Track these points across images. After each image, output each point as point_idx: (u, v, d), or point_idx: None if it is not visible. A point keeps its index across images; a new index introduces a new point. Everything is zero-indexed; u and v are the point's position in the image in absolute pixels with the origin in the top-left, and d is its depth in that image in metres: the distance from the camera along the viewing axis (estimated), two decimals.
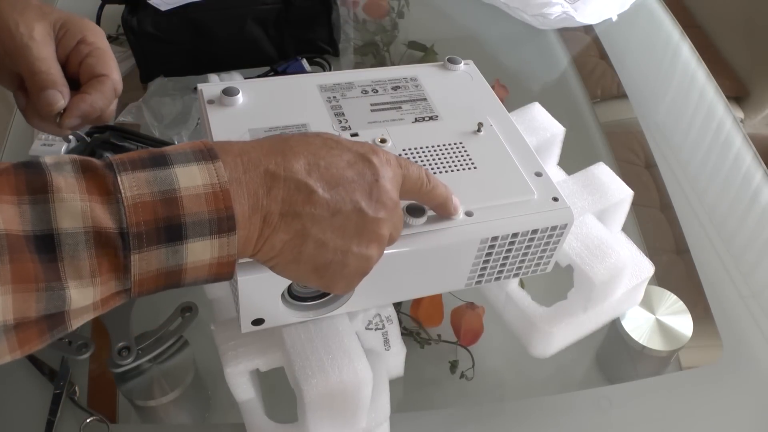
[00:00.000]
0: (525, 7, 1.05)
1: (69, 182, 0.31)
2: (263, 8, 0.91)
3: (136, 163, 0.33)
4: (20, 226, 0.29)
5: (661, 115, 0.97)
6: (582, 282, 0.56)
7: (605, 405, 0.63)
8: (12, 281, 0.29)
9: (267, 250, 0.36)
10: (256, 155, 0.36)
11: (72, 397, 0.61)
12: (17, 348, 0.31)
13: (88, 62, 0.51)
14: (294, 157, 0.36)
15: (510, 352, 0.66)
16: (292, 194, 0.36)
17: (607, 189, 0.61)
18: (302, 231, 0.36)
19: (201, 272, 0.34)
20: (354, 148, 0.39)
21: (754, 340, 0.69)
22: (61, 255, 0.30)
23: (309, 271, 0.38)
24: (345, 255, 0.38)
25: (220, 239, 0.33)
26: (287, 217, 0.36)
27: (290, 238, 0.36)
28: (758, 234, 0.80)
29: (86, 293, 0.31)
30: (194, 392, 0.61)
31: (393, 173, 0.40)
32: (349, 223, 0.37)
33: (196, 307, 0.63)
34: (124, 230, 0.31)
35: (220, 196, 0.33)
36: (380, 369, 0.55)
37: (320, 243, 0.37)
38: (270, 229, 0.36)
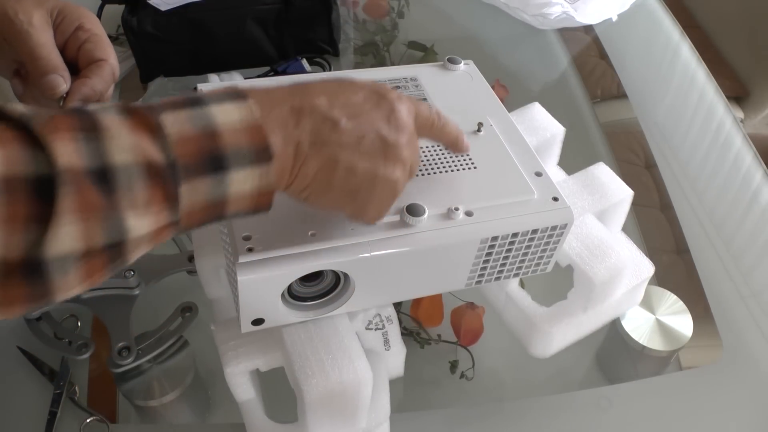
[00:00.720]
0: (525, 7, 1.05)
1: (116, 122, 0.33)
2: (263, 8, 0.91)
3: (175, 104, 0.35)
4: (80, 162, 0.31)
5: (661, 115, 0.97)
6: (582, 282, 0.56)
7: (605, 405, 0.63)
8: (78, 210, 0.30)
9: (300, 179, 0.39)
10: (281, 94, 0.38)
11: (72, 397, 0.61)
12: (85, 278, 0.33)
13: (87, 48, 0.52)
14: (315, 94, 0.39)
15: (510, 352, 0.66)
16: (318, 125, 0.38)
17: (607, 189, 0.61)
18: (332, 158, 0.39)
19: (242, 203, 0.36)
20: (367, 85, 0.42)
21: (754, 340, 0.69)
22: (117, 187, 0.32)
23: (341, 196, 0.40)
24: (373, 178, 0.40)
25: (260, 169, 0.35)
26: (316, 145, 0.38)
27: (321, 166, 0.39)
28: (758, 234, 0.80)
29: (142, 223, 0.33)
30: (194, 392, 0.61)
31: (406, 106, 0.43)
32: (373, 148, 0.40)
33: (196, 307, 0.63)
34: (172, 162, 0.33)
35: (255, 129, 0.35)
36: (380, 369, 0.55)
37: (349, 168, 0.39)
38: (302, 158, 0.38)
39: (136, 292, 0.64)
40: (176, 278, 0.67)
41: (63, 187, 0.30)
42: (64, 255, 0.31)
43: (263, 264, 0.43)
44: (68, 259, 0.31)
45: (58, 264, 0.31)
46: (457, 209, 0.47)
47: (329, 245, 0.44)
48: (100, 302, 0.63)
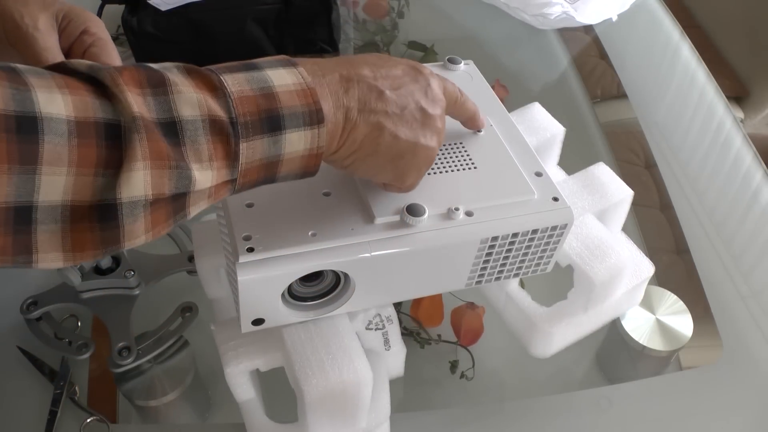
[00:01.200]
0: (525, 7, 1.05)
1: (181, 79, 0.34)
2: (263, 8, 0.91)
3: (232, 68, 0.37)
4: (148, 113, 0.32)
5: (661, 115, 0.97)
6: (582, 282, 0.56)
7: (605, 405, 0.63)
8: (150, 157, 0.32)
9: (349, 144, 0.40)
10: (329, 64, 0.40)
11: (72, 397, 0.61)
12: (151, 227, 0.34)
13: (92, 52, 0.52)
14: (360, 65, 0.41)
15: (510, 352, 0.66)
16: (365, 94, 0.40)
17: (607, 189, 0.61)
18: (378, 125, 0.41)
19: (294, 164, 0.38)
20: (404, 61, 0.45)
21: (754, 340, 0.69)
22: (183, 139, 0.33)
23: (386, 161, 0.42)
24: (414, 146, 0.43)
25: (312, 130, 0.37)
26: (364, 113, 0.40)
27: (369, 131, 0.40)
28: (758, 234, 0.80)
29: (206, 176, 0.34)
30: (194, 392, 0.61)
31: (438, 82, 0.45)
32: (414, 118, 0.42)
33: (196, 307, 0.63)
34: (234, 119, 0.34)
35: (308, 93, 0.37)
36: (380, 369, 0.55)
37: (394, 135, 0.41)
38: (351, 123, 0.40)
39: (136, 292, 0.64)
40: (176, 278, 0.67)
41: (135, 133, 0.31)
42: (135, 200, 0.32)
43: (263, 264, 0.43)
44: (138, 205, 0.32)
45: (129, 209, 0.32)
46: (458, 209, 0.47)
47: (329, 245, 0.45)
48: (100, 302, 0.63)
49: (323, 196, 0.48)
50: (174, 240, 0.71)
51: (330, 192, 0.48)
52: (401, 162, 0.43)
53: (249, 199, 0.46)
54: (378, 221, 0.46)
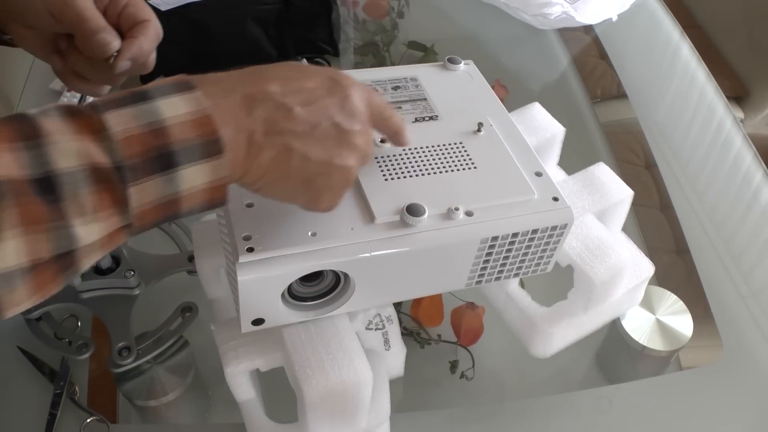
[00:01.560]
0: (525, 7, 1.05)
1: (58, 126, 0.31)
2: (263, 8, 0.91)
3: (119, 102, 0.33)
4: (19, 171, 0.30)
5: (661, 115, 0.97)
6: (582, 282, 0.56)
7: (605, 405, 0.63)
8: (21, 224, 0.30)
9: (255, 169, 0.38)
10: (232, 82, 0.37)
11: (72, 397, 0.61)
12: (35, 291, 0.32)
13: (128, 11, 0.52)
14: (268, 80, 0.38)
15: (510, 352, 0.66)
16: (271, 114, 0.37)
17: (607, 189, 0.61)
18: (286, 146, 0.38)
19: (197, 198, 0.35)
20: (321, 71, 0.41)
21: (754, 340, 0.69)
22: (62, 194, 0.31)
23: (296, 185, 0.40)
24: (328, 167, 0.40)
25: (211, 162, 0.34)
26: (270, 135, 0.37)
27: (276, 155, 0.38)
28: (758, 234, 0.80)
29: (92, 230, 0.32)
30: (194, 392, 0.61)
31: (360, 93, 0.42)
32: (328, 137, 0.39)
33: (196, 307, 0.63)
34: (118, 164, 0.32)
35: (205, 121, 0.34)
36: (380, 369, 0.55)
37: (304, 157, 0.38)
38: (256, 148, 0.37)
39: (136, 292, 0.64)
40: (176, 278, 0.67)
41: (2, 200, 0.29)
42: (9, 271, 0.30)
43: (263, 264, 0.43)
44: (13, 275, 0.30)
45: (4, 280, 0.30)
46: (457, 209, 0.47)
47: (329, 245, 0.44)
48: (100, 302, 0.63)
49: None
50: (174, 240, 0.71)
51: None
52: (314, 185, 0.40)
53: (249, 199, 0.46)
54: (378, 221, 0.46)
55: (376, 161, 0.50)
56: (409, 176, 0.50)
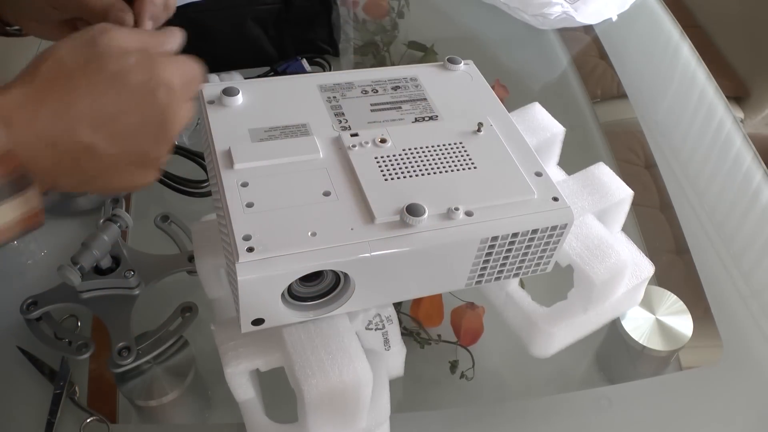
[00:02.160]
0: (525, 7, 1.05)
1: None
2: (263, 8, 0.91)
3: None
4: None
5: (661, 115, 0.97)
6: (582, 282, 0.56)
7: (605, 405, 0.63)
8: None
9: (62, 188, 0.39)
10: (43, 123, 0.36)
11: (72, 397, 0.61)
12: None
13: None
14: (78, 121, 0.36)
15: (510, 352, 0.66)
16: (77, 156, 0.37)
17: (607, 189, 0.61)
18: (89, 179, 0.39)
19: (14, 231, 0.36)
20: (144, 84, 0.39)
21: (754, 340, 0.69)
22: None
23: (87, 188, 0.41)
24: (127, 187, 0.41)
25: (21, 197, 0.35)
26: (73, 173, 0.38)
27: (78, 183, 0.39)
28: (758, 234, 0.80)
29: None
30: (194, 392, 0.61)
31: (175, 108, 0.40)
32: (131, 163, 0.40)
33: (196, 307, 0.63)
34: None
35: (9, 158, 0.34)
36: (380, 369, 0.55)
37: (104, 186, 0.40)
38: (61, 178, 0.38)
39: (136, 292, 0.64)
40: (176, 278, 0.67)
41: None
42: None
43: (263, 264, 0.43)
44: None
45: None
46: (457, 209, 0.47)
47: (329, 245, 0.45)
48: (100, 302, 0.63)
49: (323, 195, 0.48)
50: (174, 240, 0.71)
51: (330, 192, 0.48)
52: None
53: (249, 199, 0.46)
54: (378, 221, 0.46)
55: (376, 161, 0.50)
56: (409, 176, 0.50)
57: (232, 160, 0.49)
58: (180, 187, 0.76)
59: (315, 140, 0.51)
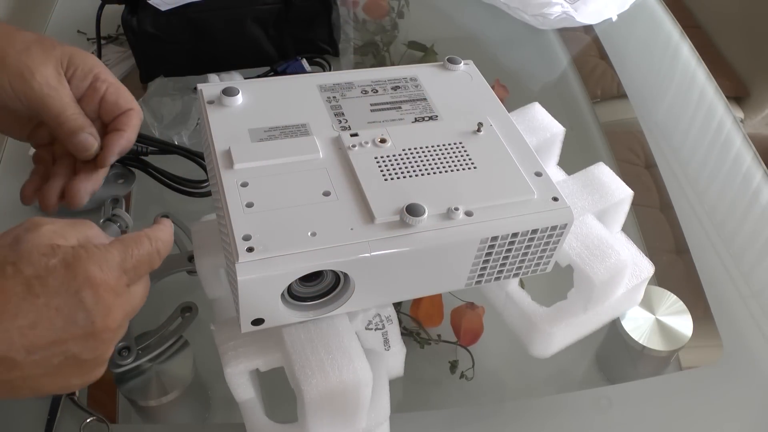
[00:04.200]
0: (525, 7, 1.05)
1: None
2: (263, 8, 0.91)
3: None
4: None
5: (661, 115, 0.97)
6: (582, 282, 0.56)
7: (605, 405, 0.63)
8: None
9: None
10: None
11: (72, 397, 0.61)
12: None
13: (110, 100, 0.51)
14: (5, 323, 0.33)
15: (510, 352, 0.66)
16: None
17: (607, 189, 0.61)
18: (12, 390, 0.36)
19: None
20: (65, 287, 0.35)
21: (754, 340, 0.69)
22: None
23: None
24: (67, 387, 0.38)
25: None
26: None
27: (3, 394, 0.36)
28: (758, 234, 0.80)
29: None
30: (194, 392, 0.61)
31: (115, 300, 0.37)
32: (64, 369, 0.36)
33: (196, 307, 0.63)
34: None
35: None
36: (380, 369, 0.55)
37: (36, 390, 0.36)
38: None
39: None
40: (176, 278, 0.67)
41: None
42: None
43: (263, 264, 0.43)
44: None
45: None
46: (457, 209, 0.47)
47: (329, 245, 0.45)
48: None
49: (323, 196, 0.48)
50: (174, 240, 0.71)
51: (330, 192, 0.48)
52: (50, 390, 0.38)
53: (248, 199, 0.46)
54: (378, 221, 0.46)
55: (376, 161, 0.50)
56: (409, 176, 0.50)
57: (231, 160, 0.49)
58: (180, 187, 0.76)
59: (315, 140, 0.51)
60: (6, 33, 0.47)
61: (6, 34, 0.47)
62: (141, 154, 0.76)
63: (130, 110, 0.52)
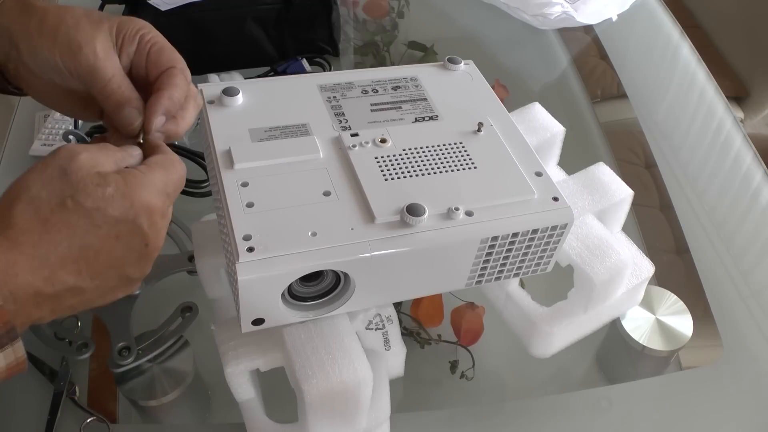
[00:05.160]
0: (525, 7, 1.05)
1: None
2: (263, 8, 0.91)
3: None
4: None
5: (661, 115, 0.97)
6: (582, 282, 0.56)
7: (605, 405, 0.63)
8: None
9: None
10: (22, 279, 0.35)
11: (72, 397, 0.61)
12: None
13: (152, 59, 0.48)
14: (60, 266, 0.36)
15: (510, 352, 0.66)
16: (61, 296, 0.36)
17: (607, 189, 0.61)
18: (70, 309, 0.38)
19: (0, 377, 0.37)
20: (124, 215, 0.37)
21: (754, 340, 0.69)
22: None
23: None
24: (113, 300, 0.40)
25: (7, 349, 0.35)
26: (58, 311, 0.37)
27: (61, 314, 0.38)
28: (758, 234, 0.80)
29: None
30: (194, 392, 0.61)
31: (162, 222, 0.40)
32: (118, 287, 0.39)
33: (196, 307, 0.63)
34: None
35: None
36: (380, 369, 0.55)
37: (87, 306, 0.39)
38: (45, 315, 0.37)
39: (136, 292, 0.64)
40: (176, 278, 0.67)
41: None
42: None
43: (263, 264, 0.43)
44: None
45: None
46: (458, 209, 0.47)
47: (329, 245, 0.45)
48: None
49: (323, 195, 0.48)
50: (174, 240, 0.71)
51: (330, 192, 0.48)
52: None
53: (249, 199, 0.46)
54: (378, 221, 0.46)
55: (376, 161, 0.50)
56: (409, 176, 0.50)
57: (232, 160, 0.49)
58: None
59: (315, 140, 0.51)
60: (57, 11, 0.46)
61: (57, 12, 0.46)
62: None
63: (171, 68, 0.47)
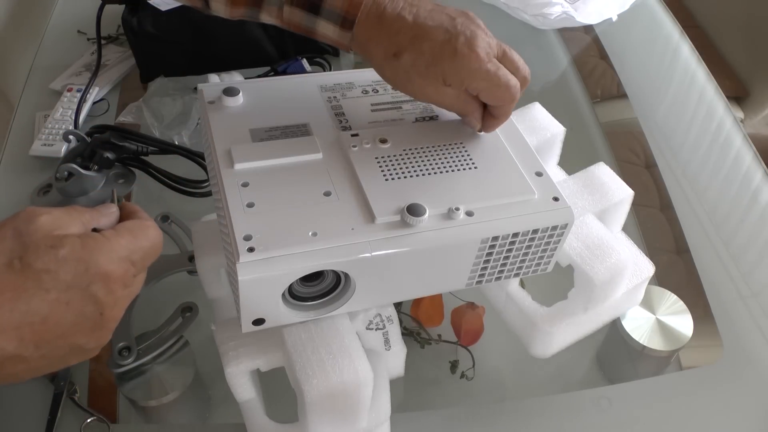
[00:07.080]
0: (525, 7, 1.05)
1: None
2: None
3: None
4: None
5: (661, 115, 0.97)
6: (582, 282, 0.56)
7: (605, 405, 0.63)
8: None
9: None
10: None
11: (72, 397, 0.61)
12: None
13: None
14: (1, 331, 0.33)
15: (510, 352, 0.66)
16: (2, 363, 0.33)
17: (607, 189, 0.61)
18: (14, 378, 0.35)
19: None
20: (77, 281, 0.35)
21: (754, 340, 0.69)
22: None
23: None
24: (65, 367, 0.37)
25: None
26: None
27: (4, 381, 0.35)
28: (758, 234, 0.80)
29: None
30: (194, 392, 0.61)
31: (123, 291, 0.37)
32: (68, 357, 0.36)
33: (196, 307, 0.63)
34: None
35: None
36: (381, 369, 0.55)
37: (35, 375, 0.36)
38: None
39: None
40: (176, 278, 0.67)
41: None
42: None
43: (264, 264, 0.43)
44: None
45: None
46: (458, 209, 0.47)
47: (330, 245, 0.45)
48: None
49: (324, 195, 0.48)
50: (174, 240, 0.71)
51: (330, 192, 0.48)
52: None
53: (249, 199, 0.46)
54: (378, 221, 0.46)
55: (377, 161, 0.50)
56: (410, 176, 0.50)
57: (232, 160, 0.49)
58: (180, 187, 0.76)
59: (315, 140, 0.51)
60: None
61: None
62: (141, 154, 0.76)
63: None
